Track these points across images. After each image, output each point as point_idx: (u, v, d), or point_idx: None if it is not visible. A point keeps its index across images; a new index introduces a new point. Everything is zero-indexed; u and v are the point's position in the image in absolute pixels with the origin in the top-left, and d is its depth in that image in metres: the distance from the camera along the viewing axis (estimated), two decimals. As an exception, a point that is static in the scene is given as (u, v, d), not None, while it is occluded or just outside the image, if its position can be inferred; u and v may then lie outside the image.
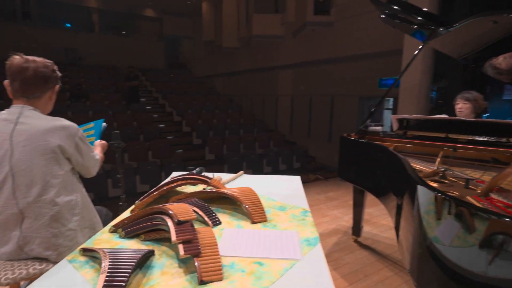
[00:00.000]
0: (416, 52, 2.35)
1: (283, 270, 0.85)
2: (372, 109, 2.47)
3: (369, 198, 2.43)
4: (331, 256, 2.48)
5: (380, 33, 6.52)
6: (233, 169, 1.96)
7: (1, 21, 11.76)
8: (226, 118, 9.35)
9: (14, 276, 1.10)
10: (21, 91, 1.21)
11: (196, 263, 0.82)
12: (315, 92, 9.02)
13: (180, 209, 0.97)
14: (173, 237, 0.86)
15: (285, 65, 10.01)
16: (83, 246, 0.96)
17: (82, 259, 0.91)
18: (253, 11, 10.22)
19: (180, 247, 0.84)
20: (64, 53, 12.77)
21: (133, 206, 1.27)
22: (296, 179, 1.79)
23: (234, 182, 1.72)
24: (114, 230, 1.08)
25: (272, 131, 9.69)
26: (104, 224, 1.29)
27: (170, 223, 0.91)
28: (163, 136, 7.77)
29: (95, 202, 1.48)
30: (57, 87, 1.34)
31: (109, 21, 14.61)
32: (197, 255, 0.84)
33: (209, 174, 1.72)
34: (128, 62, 11.23)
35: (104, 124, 1.60)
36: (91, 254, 0.90)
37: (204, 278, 0.79)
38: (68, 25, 13.91)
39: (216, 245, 0.91)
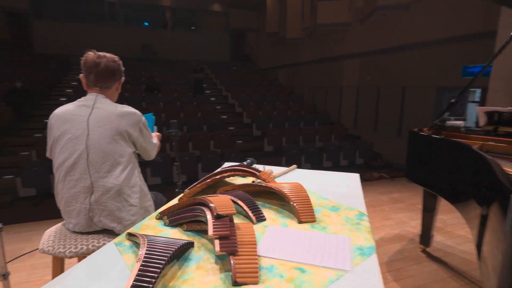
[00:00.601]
0: (517, 30, 1.91)
1: (327, 282, 0.74)
2: (452, 100, 2.10)
3: (444, 203, 2.10)
4: (392, 265, 2.23)
5: (467, 13, 5.62)
6: (291, 162, 1.88)
7: (93, 22, 13.53)
8: (286, 109, 9.22)
9: (76, 250, 1.21)
10: (95, 81, 1.37)
11: (231, 262, 0.77)
12: (384, 83, 8.29)
13: (221, 202, 0.92)
14: (210, 231, 0.82)
15: (351, 54, 9.39)
16: (129, 230, 0.99)
17: (127, 243, 0.93)
18: (317, -1, 9.77)
19: (216, 242, 0.80)
20: (141, 49, 14.13)
21: (181, 194, 1.29)
22: (355, 177, 1.62)
23: (286, 177, 1.64)
24: (160, 217, 1.10)
25: (334, 123, 9.24)
26: (157, 209, 1.35)
27: (209, 216, 0.88)
28: (225, 127, 8.03)
29: (162, 186, 1.57)
30: (123, 79, 1.49)
31: (180, 17, 15.65)
32: (233, 253, 0.79)
33: (260, 167, 1.67)
34: (196, 56, 11.87)
35: (153, 117, 1.76)
36: (134, 239, 0.92)
37: (238, 279, 0.73)
38: (146, 23, 15.29)
39: (255, 244, 0.84)
